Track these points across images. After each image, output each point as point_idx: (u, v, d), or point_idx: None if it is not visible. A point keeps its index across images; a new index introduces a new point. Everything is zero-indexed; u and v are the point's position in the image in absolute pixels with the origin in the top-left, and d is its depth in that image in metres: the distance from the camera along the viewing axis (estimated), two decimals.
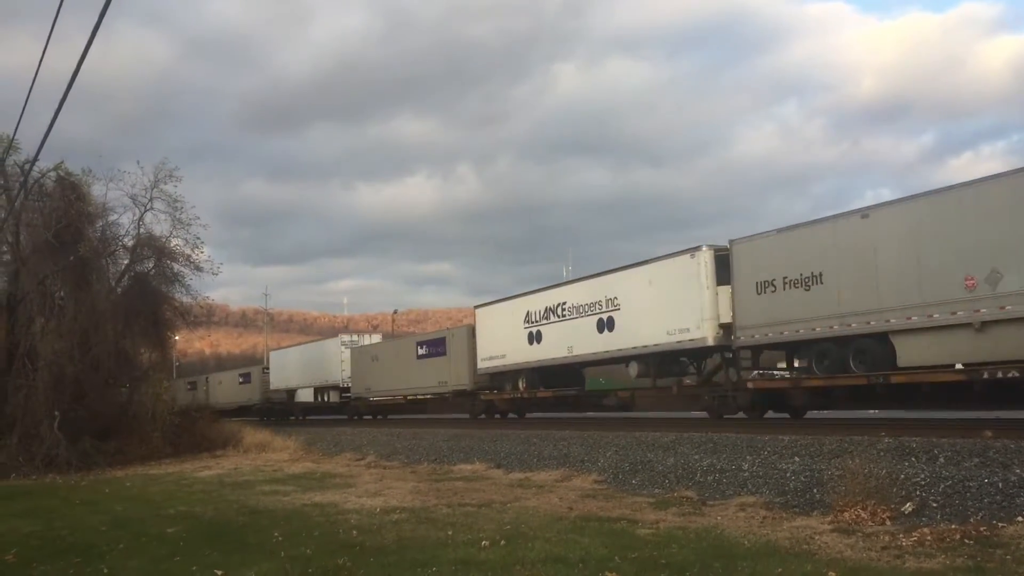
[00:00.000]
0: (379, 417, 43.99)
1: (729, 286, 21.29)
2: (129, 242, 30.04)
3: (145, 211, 29.27)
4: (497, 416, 33.18)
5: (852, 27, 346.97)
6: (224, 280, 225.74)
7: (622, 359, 25.78)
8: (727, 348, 21.90)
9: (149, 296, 29.81)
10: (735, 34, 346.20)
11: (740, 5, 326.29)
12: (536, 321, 29.22)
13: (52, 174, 27.81)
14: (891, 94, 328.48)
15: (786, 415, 22.20)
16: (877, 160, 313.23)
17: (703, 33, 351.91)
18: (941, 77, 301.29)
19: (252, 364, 69.57)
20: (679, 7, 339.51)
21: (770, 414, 22.17)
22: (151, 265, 30.50)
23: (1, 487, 20.70)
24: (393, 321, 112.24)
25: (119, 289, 29.76)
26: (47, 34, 11.97)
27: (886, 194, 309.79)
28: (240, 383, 58.59)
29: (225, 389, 60.19)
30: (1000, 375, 15.61)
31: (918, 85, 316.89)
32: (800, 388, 20.34)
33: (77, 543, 11.74)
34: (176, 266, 30.16)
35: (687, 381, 24.77)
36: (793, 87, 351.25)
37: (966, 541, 8.86)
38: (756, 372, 22.77)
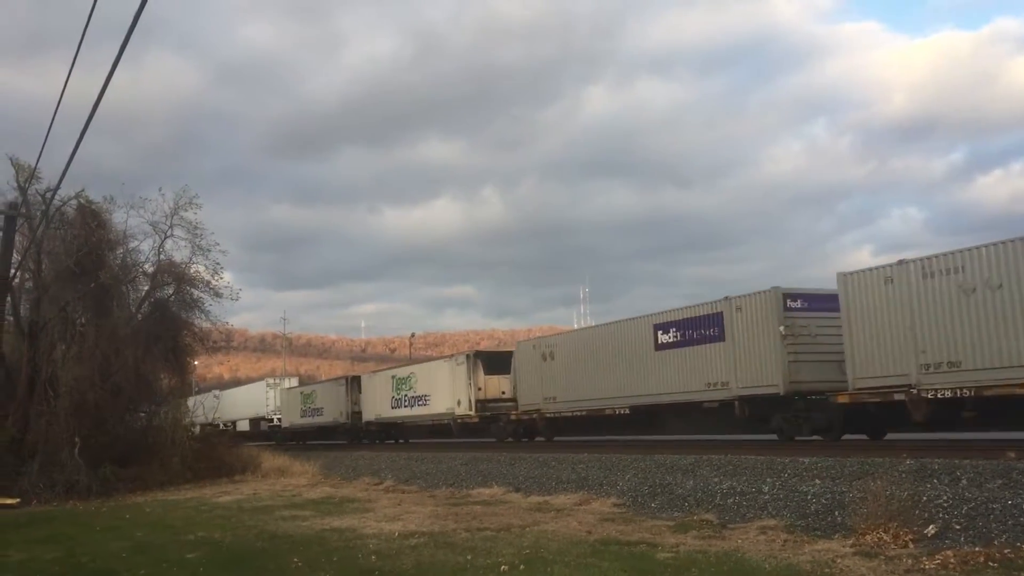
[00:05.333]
0: None
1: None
2: (149, 268, 30.39)
3: (165, 238, 29.65)
4: None
5: (884, 45, 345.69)
6: (247, 305, 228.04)
7: None
8: None
9: (169, 322, 30.02)
10: (766, 53, 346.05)
11: (772, 25, 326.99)
12: None
13: (73, 202, 28.15)
14: (921, 112, 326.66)
15: None
16: (905, 178, 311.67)
17: (734, 53, 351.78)
18: (972, 94, 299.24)
19: None
20: (711, 27, 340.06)
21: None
22: (171, 291, 30.75)
23: (22, 514, 20.83)
24: (411, 345, 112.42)
25: (139, 315, 29.99)
26: (80, 65, 12.15)
27: (913, 212, 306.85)
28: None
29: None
30: None
31: (949, 102, 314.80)
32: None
33: (98, 570, 11.81)
34: (196, 292, 30.45)
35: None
36: (823, 106, 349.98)
37: (990, 564, 8.75)
38: None
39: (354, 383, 43.36)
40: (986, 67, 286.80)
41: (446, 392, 34.07)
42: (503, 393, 32.01)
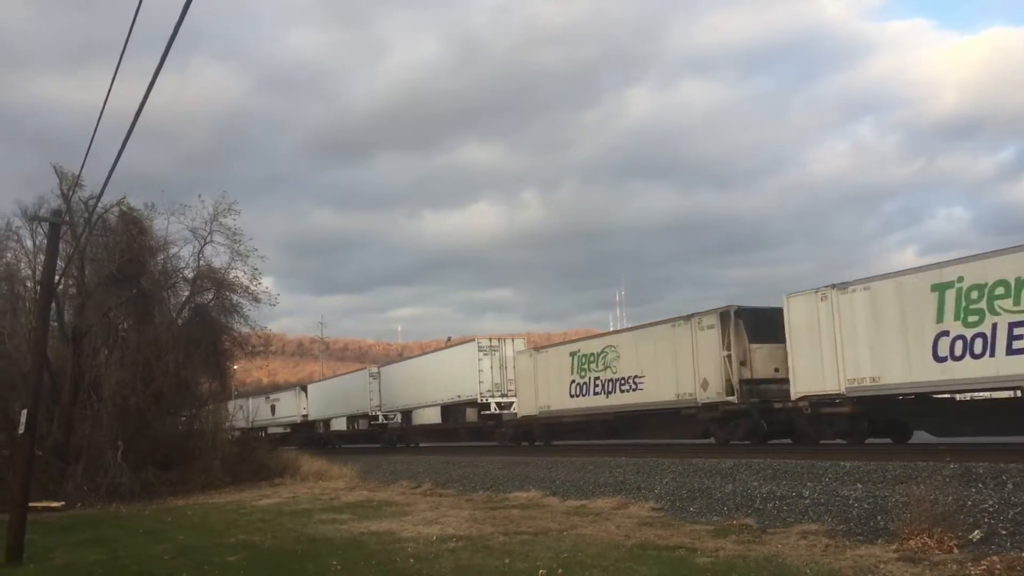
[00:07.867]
0: None
1: None
2: (189, 274, 30.69)
3: (205, 244, 29.91)
4: None
5: (932, 43, 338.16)
6: (287, 310, 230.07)
7: None
8: None
9: (209, 327, 30.32)
10: (811, 53, 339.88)
11: (817, 23, 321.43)
12: None
13: (115, 209, 28.59)
14: (970, 110, 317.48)
15: None
16: (952, 177, 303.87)
17: (780, 52, 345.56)
18: (1023, 91, 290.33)
19: None
20: (755, 27, 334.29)
21: None
22: (211, 297, 31.04)
23: (67, 516, 21.17)
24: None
25: (180, 320, 30.34)
26: (124, 73, 12.30)
27: (959, 212, 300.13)
28: None
29: None
30: None
31: (998, 100, 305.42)
32: None
33: (141, 572, 11.96)
34: (235, 297, 30.73)
35: None
36: (869, 105, 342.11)
37: None
38: None
39: (741, 321, 22.61)
40: None
41: None
42: None
